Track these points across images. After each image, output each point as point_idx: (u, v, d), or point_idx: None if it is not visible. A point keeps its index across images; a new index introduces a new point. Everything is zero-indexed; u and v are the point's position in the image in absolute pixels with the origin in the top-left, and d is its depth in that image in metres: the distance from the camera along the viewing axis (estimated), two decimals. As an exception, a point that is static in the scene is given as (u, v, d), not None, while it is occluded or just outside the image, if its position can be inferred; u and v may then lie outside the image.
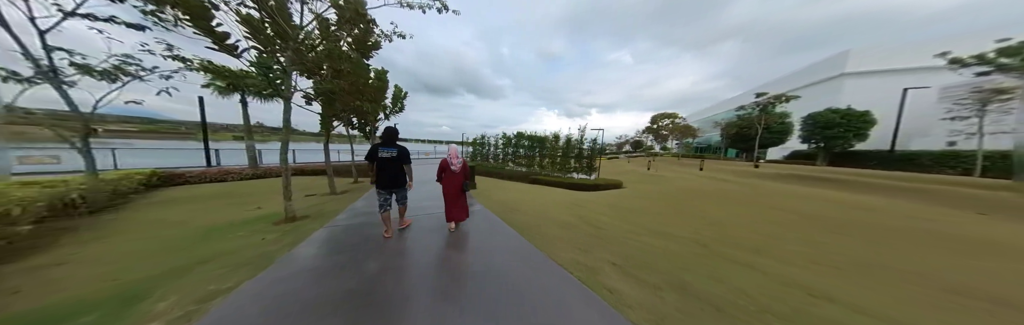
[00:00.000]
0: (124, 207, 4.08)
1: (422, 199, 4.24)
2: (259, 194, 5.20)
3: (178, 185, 6.11)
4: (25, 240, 2.54)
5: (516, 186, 6.93)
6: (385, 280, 1.74)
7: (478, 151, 12.40)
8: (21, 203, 2.67)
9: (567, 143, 9.16)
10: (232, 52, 3.21)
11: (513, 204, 4.31)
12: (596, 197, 5.49)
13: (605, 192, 6.58)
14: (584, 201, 4.88)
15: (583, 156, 8.90)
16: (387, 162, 2.38)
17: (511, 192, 5.68)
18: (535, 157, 10.13)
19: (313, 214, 3.61)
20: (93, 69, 3.71)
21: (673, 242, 2.66)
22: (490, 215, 3.47)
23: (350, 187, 6.04)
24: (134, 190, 4.97)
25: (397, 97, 8.97)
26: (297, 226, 3.03)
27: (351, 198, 4.69)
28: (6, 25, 3.11)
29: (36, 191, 3.12)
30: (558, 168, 9.24)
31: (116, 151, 6.65)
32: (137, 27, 3.66)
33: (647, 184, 8.13)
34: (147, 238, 2.72)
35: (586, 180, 8.00)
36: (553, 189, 6.76)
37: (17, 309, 1.50)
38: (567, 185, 7.50)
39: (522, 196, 5.19)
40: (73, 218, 3.37)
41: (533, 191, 6.03)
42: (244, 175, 7.09)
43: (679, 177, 10.09)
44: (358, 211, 3.70)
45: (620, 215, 3.82)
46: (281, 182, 3.25)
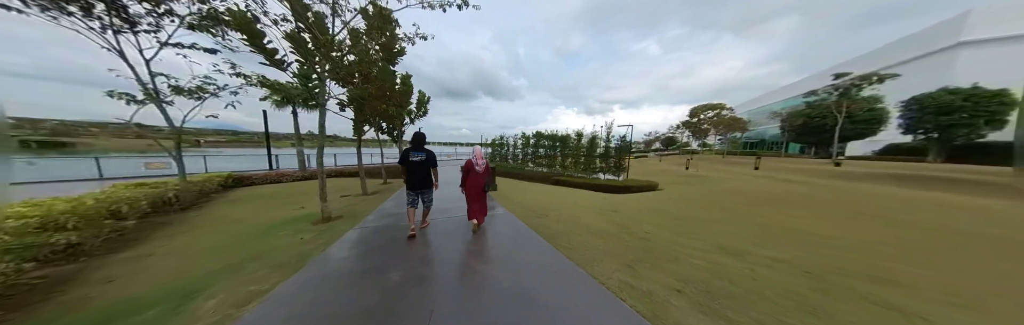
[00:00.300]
0: (205, 205, 4.81)
1: (446, 200, 4.22)
2: (304, 194, 5.75)
3: (247, 186, 7.11)
4: (132, 233, 3.07)
5: (538, 187, 6.65)
6: (408, 293, 1.66)
7: (497, 152, 12.35)
8: (128, 202, 3.24)
9: (591, 141, 8.57)
10: (280, 66, 3.54)
11: (538, 208, 4.06)
12: (631, 201, 4.96)
13: (639, 195, 5.95)
14: (618, 205, 4.41)
15: (610, 155, 8.23)
16: (416, 165, 2.55)
17: (534, 194, 5.42)
18: (556, 157, 9.69)
19: (346, 214, 3.80)
20: (183, 89, 4.44)
21: (758, 264, 2.04)
22: (515, 220, 3.28)
23: (380, 188, 6.37)
24: (214, 190, 5.89)
25: (421, 102, 9.34)
26: (331, 226, 3.19)
27: (380, 199, 4.90)
28: (125, 58, 3.85)
29: (141, 191, 3.79)
30: (582, 168, 8.70)
31: (207, 157, 8.12)
32: (211, 51, 4.29)
33: (690, 186, 7.22)
34: (216, 233, 3.10)
35: (614, 181, 7.37)
36: (579, 191, 6.33)
37: (109, 297, 1.72)
38: (593, 187, 6.98)
39: (547, 199, 4.90)
40: (169, 214, 4.04)
41: (558, 193, 5.69)
42: (295, 177, 7.99)
43: (730, 178, 8.75)
44: (385, 212, 3.82)
45: (668, 223, 3.28)
46: (322, 183, 3.45)
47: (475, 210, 2.72)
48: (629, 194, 6.17)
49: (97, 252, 2.50)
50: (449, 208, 3.84)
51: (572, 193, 5.90)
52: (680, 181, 8.24)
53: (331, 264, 2.06)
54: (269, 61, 3.44)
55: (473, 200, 2.72)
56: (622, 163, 8.02)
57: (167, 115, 4.22)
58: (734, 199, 4.85)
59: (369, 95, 4.61)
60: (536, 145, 10.57)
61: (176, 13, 3.89)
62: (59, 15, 3.46)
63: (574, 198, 5.15)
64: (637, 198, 5.28)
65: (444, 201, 4.23)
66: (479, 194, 2.71)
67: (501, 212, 3.71)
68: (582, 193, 5.99)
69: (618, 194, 6.23)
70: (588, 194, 5.86)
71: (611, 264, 2.02)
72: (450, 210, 3.74)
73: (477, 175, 2.68)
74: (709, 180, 8.12)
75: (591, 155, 8.57)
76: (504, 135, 12.02)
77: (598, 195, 5.70)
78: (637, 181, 7.38)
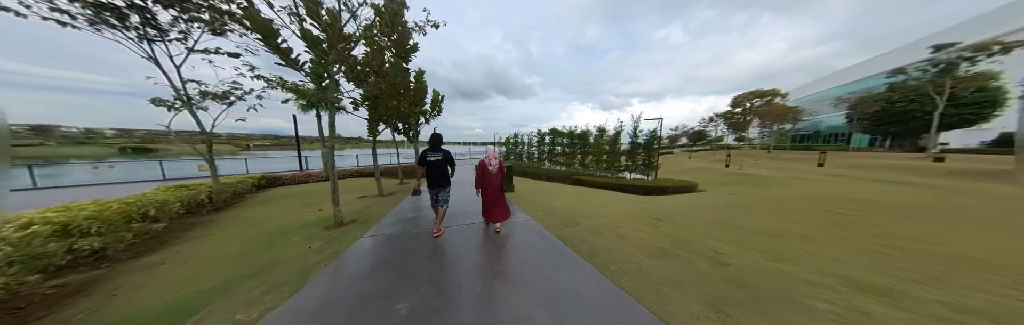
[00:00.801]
0: (238, 205, 4.97)
1: (463, 203, 3.88)
2: (326, 195, 5.75)
3: (278, 186, 7.45)
4: (164, 234, 3.10)
5: (560, 189, 6.08)
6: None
7: (512, 150, 11.88)
8: (157, 205, 3.29)
9: (616, 137, 7.74)
10: (295, 66, 3.38)
11: (565, 213, 3.54)
12: (674, 205, 4.22)
13: (677, 197, 5.14)
14: (661, 211, 3.74)
15: (637, 152, 7.36)
16: (434, 165, 2.59)
17: (557, 196, 4.88)
18: (575, 155, 8.98)
19: (360, 218, 3.59)
20: (211, 93, 4.56)
21: (933, 317, 1.31)
22: (541, 231, 2.80)
23: (396, 188, 6.23)
24: (248, 190, 6.17)
25: (436, 101, 9.17)
26: (343, 233, 2.96)
27: (396, 200, 4.69)
28: (159, 66, 3.97)
29: (176, 194, 3.90)
30: (605, 167, 7.92)
31: (249, 160, 8.78)
32: (234, 55, 4.32)
33: (744, 187, 6.17)
34: (232, 238, 3.01)
35: (643, 181, 6.56)
36: (604, 192, 5.66)
37: (99, 315, 1.54)
38: (620, 187, 6.24)
39: (574, 202, 4.35)
40: (202, 215, 4.17)
41: (584, 196, 5.09)
42: (320, 177, 8.24)
43: (793, 177, 7.32)
44: (400, 215, 3.57)
45: (744, 239, 2.51)
46: (334, 186, 3.26)
47: (493, 212, 2.66)
48: (666, 196, 5.37)
49: (123, 256, 2.49)
50: (466, 212, 3.48)
51: (598, 195, 5.26)
52: (727, 181, 7.14)
53: (331, 287, 1.75)
54: (285, 61, 3.29)
55: (490, 201, 2.67)
56: (652, 160, 7.13)
57: (198, 120, 4.34)
58: (822, 206, 3.78)
59: (381, 92, 4.37)
60: (553, 143, 9.93)
61: (201, 18, 3.93)
62: (104, 28, 3.60)
63: (602, 201, 4.53)
64: (680, 202, 4.50)
65: (461, 204, 3.88)
66: (496, 195, 2.65)
67: (523, 219, 3.24)
68: (610, 195, 5.32)
69: (652, 196, 5.46)
70: (617, 196, 5.18)
71: (687, 302, 1.45)
72: (467, 215, 3.37)
73: (491, 175, 2.62)
74: (766, 181, 6.87)
75: (615, 152, 7.75)
76: (519, 133, 11.52)
77: (630, 198, 5.00)
78: (672, 181, 6.50)
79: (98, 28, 3.61)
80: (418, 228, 2.98)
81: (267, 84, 4.29)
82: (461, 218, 3.29)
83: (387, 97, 4.47)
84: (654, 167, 7.12)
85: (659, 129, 7.22)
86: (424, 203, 4.28)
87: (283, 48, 3.29)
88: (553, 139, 9.76)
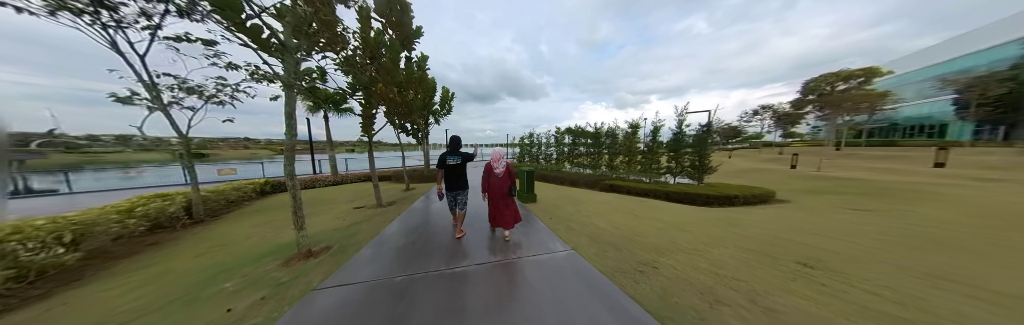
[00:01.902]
0: (224, 216, 4.31)
1: (481, 208, 2.81)
2: (326, 203, 5.04)
3: (284, 191, 6.94)
4: (76, 269, 2.34)
5: (590, 196, 4.83)
6: None
7: (526, 151, 10.68)
8: (82, 227, 2.54)
9: (654, 134, 6.31)
10: (267, 48, 2.53)
11: (625, 243, 2.35)
12: (788, 229, 2.77)
13: (765, 212, 3.70)
14: (784, 243, 2.33)
15: (683, 150, 5.89)
16: (453, 168, 2.50)
17: (594, 209, 3.66)
18: (600, 155, 7.61)
19: (340, 242, 2.64)
20: (194, 89, 3.94)
21: None
22: (597, 279, 1.66)
23: (401, 196, 5.33)
24: (248, 197, 5.62)
25: (445, 99, 8.32)
26: (302, 272, 2.00)
27: (396, 212, 3.74)
28: (122, 55, 3.35)
29: (140, 206, 3.21)
30: (640, 169, 6.50)
31: (268, 164, 8.60)
32: (209, 43, 3.62)
33: (860, 197, 4.46)
34: (159, 277, 2.18)
35: (694, 187, 5.11)
36: (655, 203, 4.31)
37: None
38: (667, 195, 4.87)
39: (622, 219, 3.13)
40: (174, 230, 3.50)
41: (630, 208, 3.82)
42: (328, 181, 7.65)
43: (924, 183, 5.20)
44: (392, 239, 2.58)
45: None
46: (297, 205, 2.33)
47: (500, 218, 2.41)
48: (742, 210, 3.93)
49: (35, 291, 1.76)
50: (486, 224, 2.38)
51: (647, 207, 3.96)
52: (817, 187, 5.44)
53: None
54: (255, 43, 2.45)
55: (498, 207, 2.42)
56: (705, 161, 5.62)
57: (173, 120, 3.68)
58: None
59: (373, 79, 3.44)
60: (574, 143, 8.62)
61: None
62: (58, 12, 3.00)
63: (662, 218, 3.24)
64: (787, 224, 3.00)
65: (481, 210, 2.82)
66: (503, 200, 2.41)
67: (561, 253, 2.10)
68: (663, 207, 3.99)
69: (719, 208, 4.03)
70: (674, 209, 3.84)
71: None
72: (488, 230, 2.28)
73: (497, 179, 2.42)
74: (887, 188, 4.84)
75: (654, 151, 6.32)
76: (534, 132, 10.33)
77: (695, 213, 3.65)
78: (737, 187, 5.00)
79: (50, 11, 3.00)
80: (407, 266, 1.95)
81: (249, 75, 3.55)
82: (482, 233, 2.21)
83: (384, 86, 3.53)
84: (707, 169, 5.61)
85: (710, 121, 5.71)
86: (430, 216, 3.30)
87: (250, 26, 2.47)
88: (574, 139, 8.46)
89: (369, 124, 4.03)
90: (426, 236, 2.65)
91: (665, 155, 6.24)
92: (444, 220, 3.19)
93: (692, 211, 3.75)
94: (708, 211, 3.81)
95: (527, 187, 4.19)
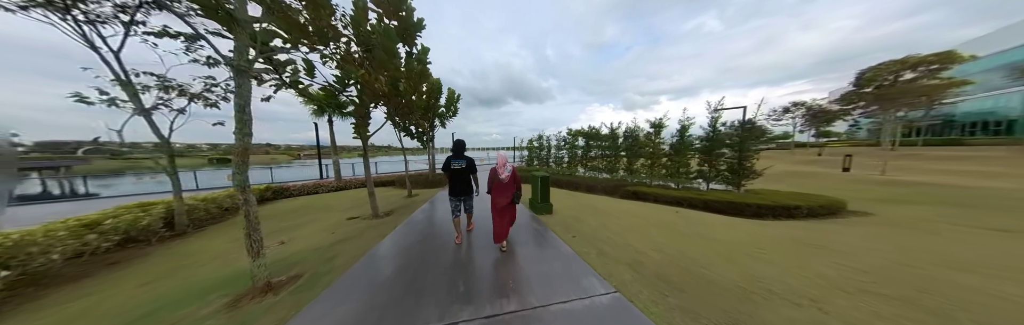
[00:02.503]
0: (207, 228, 3.92)
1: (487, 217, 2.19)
2: (319, 211, 4.60)
3: (285, 197, 6.62)
4: (61, 281, 1.90)
5: (614, 205, 4.12)
6: None
7: (535, 154, 10.03)
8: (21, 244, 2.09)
9: (682, 133, 5.55)
10: (228, 23, 2.10)
11: (683, 276, 1.71)
12: (918, 260, 1.94)
13: (852, 229, 2.85)
14: (919, 277, 1.60)
15: (719, 152, 5.09)
16: (458, 172, 2.40)
17: (622, 221, 2.98)
18: (618, 158, 6.86)
19: (313, 268, 2.09)
20: (174, 87, 3.63)
21: None
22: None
23: (401, 204, 4.81)
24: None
25: (451, 100, 7.91)
26: (247, 320, 1.44)
27: (391, 224, 3.19)
28: (96, 50, 3.05)
29: (64, 226, 2.72)
30: (667, 173, 5.71)
31: (287, 168, 8.45)
32: (193, 37, 3.31)
33: (985, 213, 3.48)
34: (80, 316, 1.67)
35: (733, 194, 4.30)
36: (697, 215, 3.54)
37: None
38: (705, 204, 4.10)
39: (669, 240, 2.43)
40: (148, 245, 3.10)
41: (665, 219, 3.10)
42: (331, 187, 7.30)
43: None
44: (380, 263, 2.03)
45: None
46: (250, 226, 1.82)
47: (502, 229, 2.16)
48: (811, 223, 3.09)
49: None
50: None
51: (686, 218, 3.22)
52: (899, 196, 4.43)
53: None
54: (209, 16, 2.03)
55: (501, 215, 2.18)
56: (748, 164, 4.79)
57: (153, 122, 3.35)
58: None
59: (365, 72, 2.97)
60: (588, 145, 7.91)
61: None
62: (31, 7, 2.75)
63: (719, 235, 2.51)
64: (925, 249, 2.13)
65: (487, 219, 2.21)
66: (507, 207, 2.19)
67: (602, 297, 1.46)
68: (708, 219, 3.23)
69: (785, 222, 3.22)
70: (724, 222, 3.08)
71: None
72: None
73: (503, 185, 2.22)
74: (996, 197, 3.89)
75: (682, 153, 5.53)
76: (544, 134, 9.69)
77: (755, 227, 2.87)
78: (792, 195, 4.13)
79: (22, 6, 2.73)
80: (386, 315, 1.39)
81: (231, 67, 3.19)
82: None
83: (377, 80, 3.05)
84: (749, 174, 4.76)
85: (751, 118, 4.90)
86: (429, 231, 2.78)
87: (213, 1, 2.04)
88: (588, 141, 7.75)
89: (364, 124, 3.55)
90: (421, 261, 2.07)
91: (696, 157, 5.44)
92: (445, 235, 2.63)
93: (749, 226, 2.96)
94: (767, 226, 3.02)
95: (541, 195, 3.54)
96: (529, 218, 3.30)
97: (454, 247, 2.32)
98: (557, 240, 2.44)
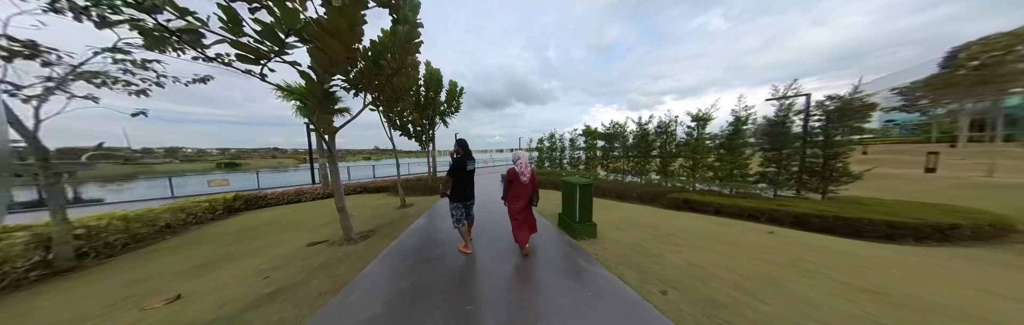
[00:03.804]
0: (124, 257, 2.78)
1: None
2: (281, 230, 3.44)
3: (261, 207, 5.50)
4: None
5: (667, 220, 2.95)
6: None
7: (547, 155, 8.85)
8: None
9: (738, 127, 4.38)
10: None
11: None
12: None
13: None
14: None
15: (785, 148, 3.92)
16: (470, 174, 2.14)
17: (709, 254, 1.82)
18: (647, 158, 5.68)
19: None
20: (102, 73, 2.58)
21: None
22: None
23: (388, 218, 3.62)
24: (200, 219, 4.16)
25: (453, 94, 6.83)
26: None
27: (361, 258, 2.06)
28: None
29: None
30: (715, 176, 4.53)
31: (283, 174, 7.35)
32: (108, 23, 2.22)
33: None
34: None
35: (835, 206, 3.10)
36: (794, 234, 2.33)
37: None
38: (796, 219, 2.88)
39: (816, 292, 1.26)
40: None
41: (766, 245, 1.98)
42: (316, 194, 6.17)
43: None
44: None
45: None
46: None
47: (524, 232, 2.02)
48: (979, 251, 1.87)
49: None
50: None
51: (795, 243, 2.07)
52: None
53: None
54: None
55: (522, 219, 2.02)
56: (839, 164, 3.60)
57: (11, 112, 2.24)
58: None
59: (317, 22, 1.83)
60: (608, 146, 6.72)
61: None
62: None
63: (886, 282, 1.39)
64: None
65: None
66: (527, 210, 2.06)
67: None
68: (829, 244, 2.05)
69: (941, 248, 2.00)
70: (858, 250, 1.89)
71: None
72: None
73: (523, 186, 2.02)
74: None
75: (736, 152, 4.34)
76: (555, 133, 8.53)
77: (919, 260, 1.72)
78: (911, 206, 2.92)
79: None
80: None
81: (159, 47, 2.09)
82: None
83: (334, 36, 1.88)
84: (841, 177, 3.55)
85: (846, 100, 3.72)
86: (421, 272, 1.61)
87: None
88: (609, 140, 6.57)
89: (326, 111, 2.39)
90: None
91: (758, 156, 4.24)
92: (447, 272, 1.61)
93: (907, 259, 1.76)
94: (932, 256, 1.81)
95: (581, 212, 2.37)
96: (563, 245, 2.17)
97: (462, 312, 1.25)
98: (626, 292, 1.27)
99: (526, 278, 1.62)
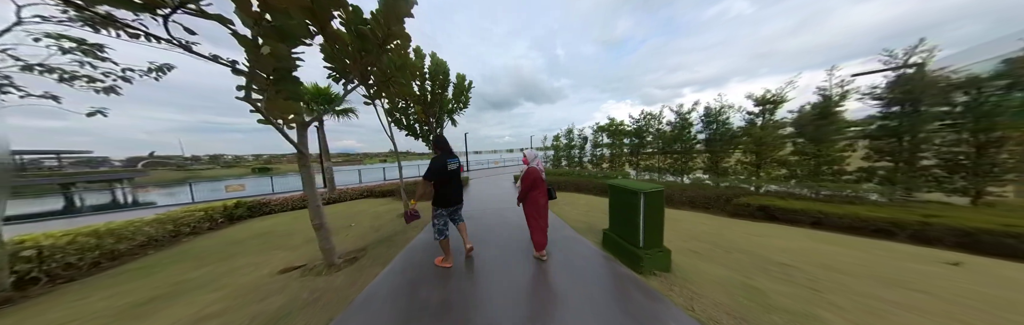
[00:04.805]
0: (87, 281, 2.33)
1: None
2: (258, 249, 2.89)
3: (265, 214, 5.13)
4: None
5: (775, 243, 2.00)
6: None
7: (562, 154, 7.92)
8: None
9: (823, 110, 3.30)
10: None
11: None
12: None
13: None
14: None
15: (919, 134, 2.75)
16: (455, 175, 1.89)
17: (915, 307, 0.83)
18: (690, 154, 4.62)
19: None
20: (64, 71, 2.17)
21: None
22: None
23: (390, 230, 2.96)
24: (194, 230, 3.78)
25: (461, 88, 6.18)
26: None
27: (341, 296, 1.37)
28: None
29: None
30: (790, 175, 3.45)
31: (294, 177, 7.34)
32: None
33: None
34: None
35: (1009, 218, 1.91)
36: (990, 264, 1.27)
37: None
38: (968, 237, 1.75)
39: None
40: None
41: (971, 298, 0.89)
42: (322, 200, 5.73)
43: None
44: None
45: None
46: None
47: (542, 235, 1.87)
48: None
49: None
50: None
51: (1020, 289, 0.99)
52: None
53: None
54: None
55: (542, 220, 1.88)
56: (1002, 155, 2.42)
57: None
58: None
59: None
60: (639, 142, 5.70)
61: None
62: None
63: None
64: None
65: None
66: (545, 210, 1.92)
67: None
68: None
69: None
70: None
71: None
72: None
73: (542, 183, 1.90)
74: None
75: (827, 142, 3.25)
76: (573, 129, 7.59)
77: None
78: None
79: None
80: None
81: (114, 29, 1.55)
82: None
83: None
84: (1007, 173, 2.40)
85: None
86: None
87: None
88: (640, 137, 5.53)
89: (285, 98, 1.72)
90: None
91: (862, 147, 3.14)
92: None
93: None
94: None
95: (646, 235, 1.54)
96: (626, 286, 1.40)
97: None
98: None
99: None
